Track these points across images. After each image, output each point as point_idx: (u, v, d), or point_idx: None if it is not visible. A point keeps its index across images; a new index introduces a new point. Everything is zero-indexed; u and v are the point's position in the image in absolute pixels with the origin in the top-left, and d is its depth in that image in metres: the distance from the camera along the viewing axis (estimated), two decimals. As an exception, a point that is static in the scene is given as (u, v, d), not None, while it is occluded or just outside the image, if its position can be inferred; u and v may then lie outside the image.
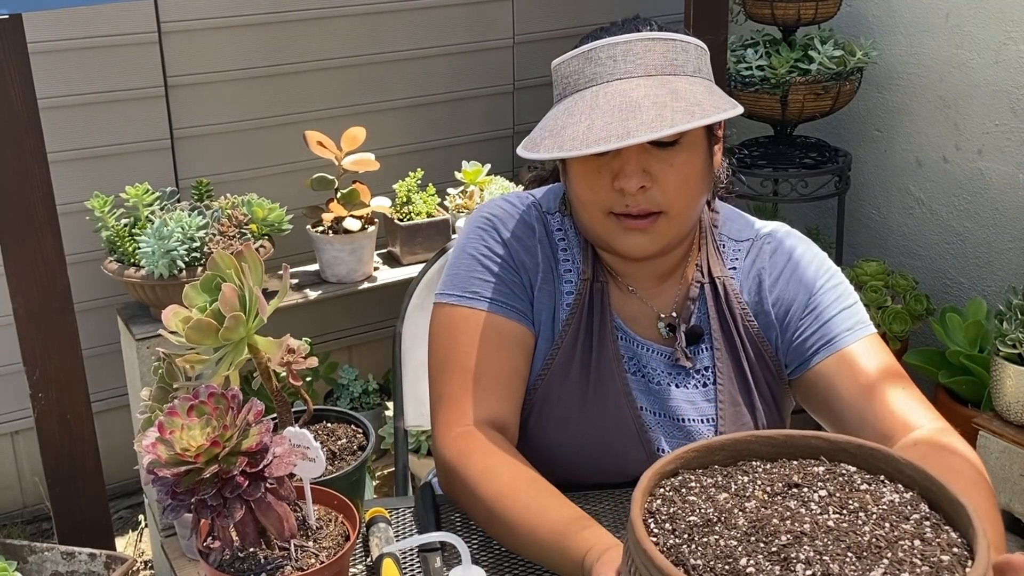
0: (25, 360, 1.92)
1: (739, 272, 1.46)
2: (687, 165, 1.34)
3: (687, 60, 1.33)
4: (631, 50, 1.31)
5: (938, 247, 3.14)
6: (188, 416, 1.02)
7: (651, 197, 1.32)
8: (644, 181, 1.31)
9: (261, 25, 2.91)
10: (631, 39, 1.32)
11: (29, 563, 1.80)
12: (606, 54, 1.32)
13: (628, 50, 1.31)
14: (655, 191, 1.32)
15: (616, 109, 1.26)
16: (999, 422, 2.38)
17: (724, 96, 1.33)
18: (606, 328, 1.41)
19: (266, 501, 1.03)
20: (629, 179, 1.31)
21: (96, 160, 2.78)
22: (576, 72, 1.34)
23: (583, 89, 1.32)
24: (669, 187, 1.32)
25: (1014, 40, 2.83)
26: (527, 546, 1.22)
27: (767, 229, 1.49)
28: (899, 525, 0.90)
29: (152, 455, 1.00)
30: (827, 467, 0.98)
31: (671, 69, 1.31)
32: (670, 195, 1.33)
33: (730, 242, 1.48)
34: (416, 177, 2.83)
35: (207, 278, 1.16)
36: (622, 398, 1.40)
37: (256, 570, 1.07)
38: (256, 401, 1.04)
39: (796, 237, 1.49)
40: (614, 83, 1.30)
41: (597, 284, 1.43)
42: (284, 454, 1.05)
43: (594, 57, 1.32)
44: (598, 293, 1.43)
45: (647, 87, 1.28)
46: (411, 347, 1.89)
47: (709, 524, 0.90)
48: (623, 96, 1.28)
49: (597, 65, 1.32)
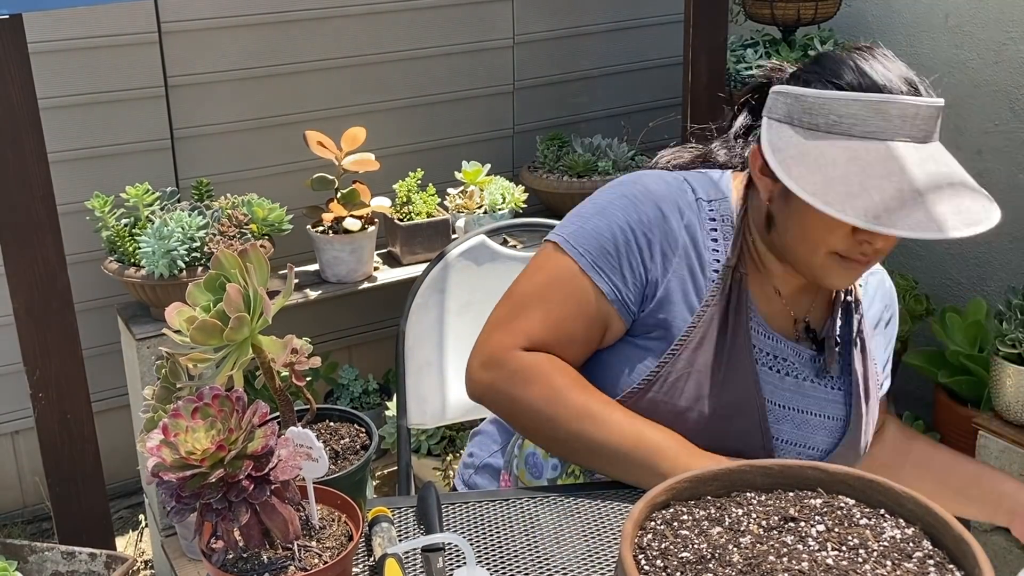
0: (25, 360, 1.92)
1: (865, 298, 1.57)
2: None
3: (938, 126, 1.37)
4: (931, 115, 1.34)
5: (938, 247, 3.14)
6: (193, 418, 1.02)
7: (880, 253, 1.39)
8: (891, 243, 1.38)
9: (261, 25, 2.91)
10: (919, 103, 1.33)
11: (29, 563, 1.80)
12: (897, 112, 1.32)
13: (930, 115, 1.34)
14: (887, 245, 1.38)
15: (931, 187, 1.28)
16: (999, 422, 2.38)
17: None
18: (742, 315, 1.45)
19: (271, 504, 1.03)
20: (888, 243, 1.36)
21: (96, 160, 2.78)
22: (854, 116, 1.32)
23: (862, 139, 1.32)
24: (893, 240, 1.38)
25: (1014, 40, 2.83)
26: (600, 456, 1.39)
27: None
28: (901, 563, 0.86)
29: (156, 458, 1.00)
30: (825, 499, 0.95)
31: (936, 136, 1.36)
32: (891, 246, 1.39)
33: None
34: (416, 177, 2.83)
35: (211, 277, 1.15)
36: (751, 384, 1.44)
37: (260, 570, 1.07)
38: (261, 403, 1.03)
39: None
40: (898, 144, 1.31)
41: (737, 274, 1.46)
42: (289, 456, 1.05)
43: (883, 110, 1.32)
44: (737, 283, 1.46)
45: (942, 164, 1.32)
46: (414, 346, 1.89)
47: (703, 561, 0.87)
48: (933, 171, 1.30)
49: (884, 119, 1.32)
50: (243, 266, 1.14)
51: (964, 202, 1.28)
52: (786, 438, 1.47)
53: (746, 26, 3.24)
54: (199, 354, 1.14)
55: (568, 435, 1.40)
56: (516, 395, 1.43)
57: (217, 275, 1.15)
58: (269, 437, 1.02)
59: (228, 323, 1.10)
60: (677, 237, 1.45)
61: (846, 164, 1.30)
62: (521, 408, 1.44)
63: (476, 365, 1.47)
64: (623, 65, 3.44)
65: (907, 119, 1.32)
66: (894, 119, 1.31)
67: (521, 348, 1.44)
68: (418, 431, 2.76)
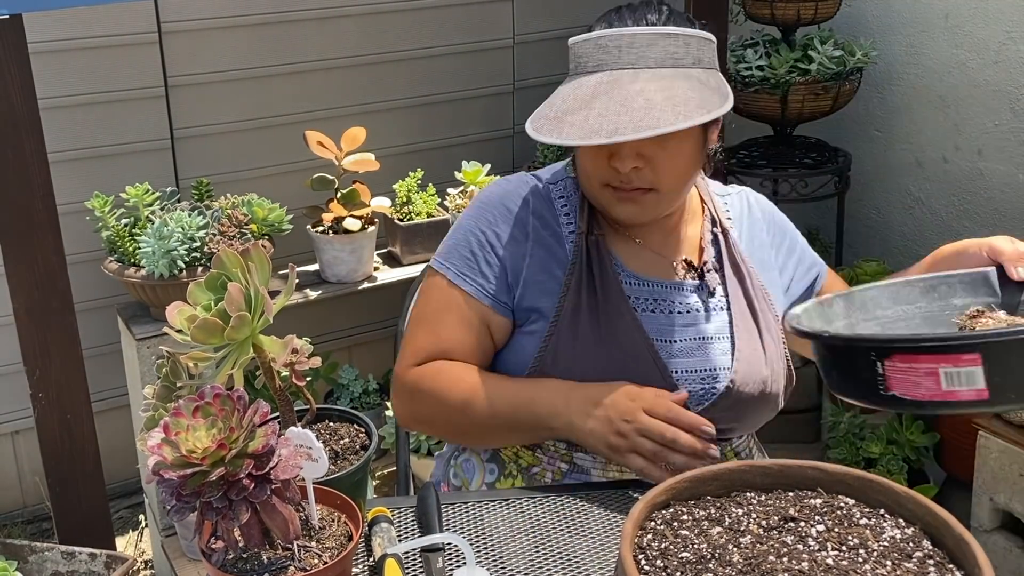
0: (25, 360, 1.92)
1: (734, 222, 1.66)
2: (679, 149, 1.49)
3: (687, 53, 1.47)
4: (635, 42, 1.45)
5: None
6: (194, 417, 1.02)
7: (643, 176, 1.49)
8: (637, 163, 1.47)
9: (261, 25, 2.91)
10: (637, 32, 1.45)
11: (29, 563, 1.80)
12: (614, 43, 1.46)
13: (633, 42, 1.45)
14: (647, 171, 1.48)
15: (613, 103, 1.40)
16: (999, 422, 2.38)
17: (718, 90, 1.47)
18: (607, 273, 1.54)
19: (271, 503, 1.03)
20: (623, 161, 1.47)
21: (96, 160, 2.78)
22: (585, 55, 1.48)
23: (589, 73, 1.47)
24: (660, 168, 1.48)
25: (1014, 40, 2.83)
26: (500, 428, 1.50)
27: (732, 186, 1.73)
28: (901, 563, 0.86)
29: (157, 456, 1.00)
30: (824, 499, 0.95)
31: (671, 63, 1.46)
32: (660, 175, 1.49)
33: (718, 198, 1.68)
34: (416, 177, 2.83)
35: (212, 276, 1.15)
36: (634, 331, 1.52)
37: (259, 570, 1.07)
38: (262, 403, 1.03)
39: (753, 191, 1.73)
40: (616, 72, 1.45)
41: (592, 237, 1.57)
42: (289, 456, 1.05)
43: (603, 44, 1.46)
44: (594, 245, 1.56)
45: (644, 82, 1.43)
46: (412, 347, 1.88)
47: (703, 561, 0.87)
48: (621, 90, 1.42)
49: (604, 53, 1.46)
50: (244, 265, 1.14)
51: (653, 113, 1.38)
52: (686, 368, 1.53)
53: (746, 26, 3.24)
54: (200, 353, 1.14)
55: (468, 422, 1.52)
56: (416, 408, 1.57)
57: (218, 274, 1.15)
58: (270, 436, 1.02)
59: (229, 322, 1.10)
60: (526, 224, 1.58)
61: (569, 94, 1.46)
62: (425, 417, 1.58)
63: (391, 400, 1.62)
64: (623, 65, 3.44)
65: (623, 48, 1.45)
66: (612, 51, 1.45)
67: (413, 366, 1.56)
68: (418, 432, 2.76)
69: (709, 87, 1.46)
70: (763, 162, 3.14)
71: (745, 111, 3.10)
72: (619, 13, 1.50)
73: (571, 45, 1.51)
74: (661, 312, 1.56)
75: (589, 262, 1.55)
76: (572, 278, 1.54)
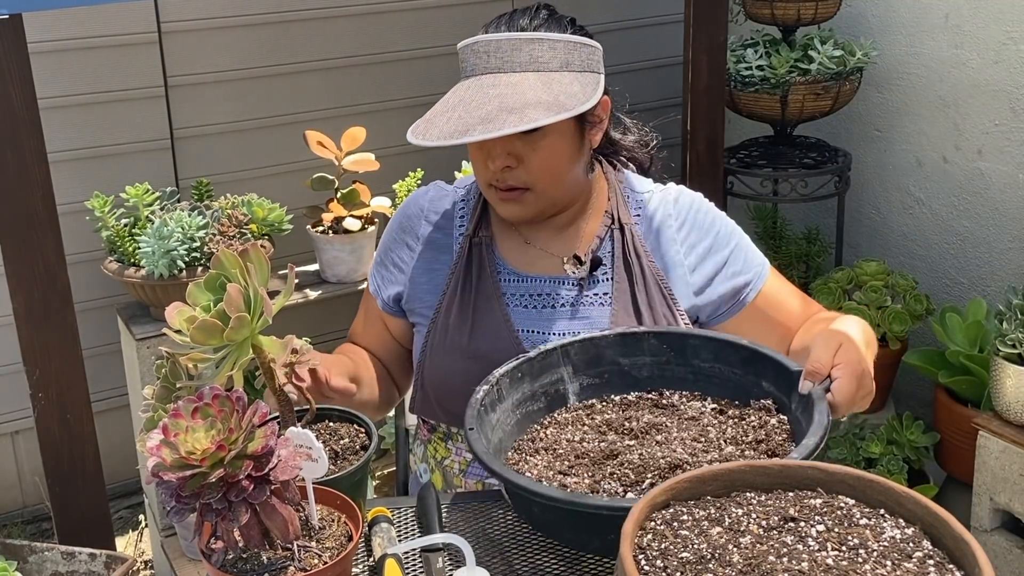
0: (25, 360, 1.92)
1: (643, 219, 1.67)
2: (550, 149, 1.55)
3: (553, 57, 1.54)
4: (501, 47, 1.53)
5: (938, 247, 3.14)
6: (192, 418, 1.02)
7: (516, 176, 1.56)
8: (508, 162, 1.55)
9: (261, 25, 2.91)
10: (503, 38, 1.53)
11: (29, 563, 1.80)
12: (483, 48, 1.54)
13: (499, 47, 1.53)
14: (520, 171, 1.55)
15: (471, 105, 1.48)
16: (999, 422, 2.38)
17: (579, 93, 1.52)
18: (485, 272, 1.64)
19: (271, 504, 1.03)
20: (493, 161, 1.55)
21: (96, 160, 2.78)
22: (464, 60, 1.58)
23: (466, 77, 1.56)
24: (533, 168, 1.55)
25: (1014, 40, 2.83)
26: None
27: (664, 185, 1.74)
28: (901, 563, 0.86)
29: (156, 458, 1.00)
30: (824, 499, 0.95)
31: (535, 67, 1.53)
32: (534, 174, 1.56)
33: (632, 194, 1.70)
34: (416, 177, 2.83)
35: (211, 277, 1.15)
36: (501, 326, 1.60)
37: (259, 570, 1.07)
38: (261, 403, 1.03)
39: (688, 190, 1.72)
40: (483, 76, 1.53)
41: (477, 239, 1.66)
42: (289, 456, 1.05)
43: (476, 50, 1.55)
44: (477, 247, 1.66)
45: (503, 86, 1.50)
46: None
47: (703, 561, 0.87)
48: (480, 93, 1.50)
49: (476, 57, 1.55)
50: (243, 266, 1.14)
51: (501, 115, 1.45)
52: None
53: (746, 26, 3.24)
54: (199, 354, 1.14)
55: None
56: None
57: (217, 275, 1.15)
58: (269, 437, 1.02)
59: (228, 323, 1.10)
60: (417, 231, 1.71)
61: (447, 100, 1.54)
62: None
63: None
64: (623, 65, 3.44)
65: (491, 54, 1.53)
66: (482, 55, 1.54)
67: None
68: (418, 431, 2.76)
69: (568, 91, 1.51)
70: (763, 162, 3.14)
71: (745, 111, 3.10)
72: (500, 19, 1.59)
73: (458, 50, 1.59)
74: (537, 307, 1.62)
75: (469, 262, 1.65)
76: (452, 278, 1.65)
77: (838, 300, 3.00)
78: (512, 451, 1.32)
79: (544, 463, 1.27)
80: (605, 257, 1.64)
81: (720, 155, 2.74)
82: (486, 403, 1.31)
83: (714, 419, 1.34)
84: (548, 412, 1.40)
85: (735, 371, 1.40)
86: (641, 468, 1.21)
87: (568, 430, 1.35)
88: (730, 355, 1.40)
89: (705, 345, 1.42)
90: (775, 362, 1.36)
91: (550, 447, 1.31)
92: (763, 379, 1.37)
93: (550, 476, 1.23)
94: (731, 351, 1.40)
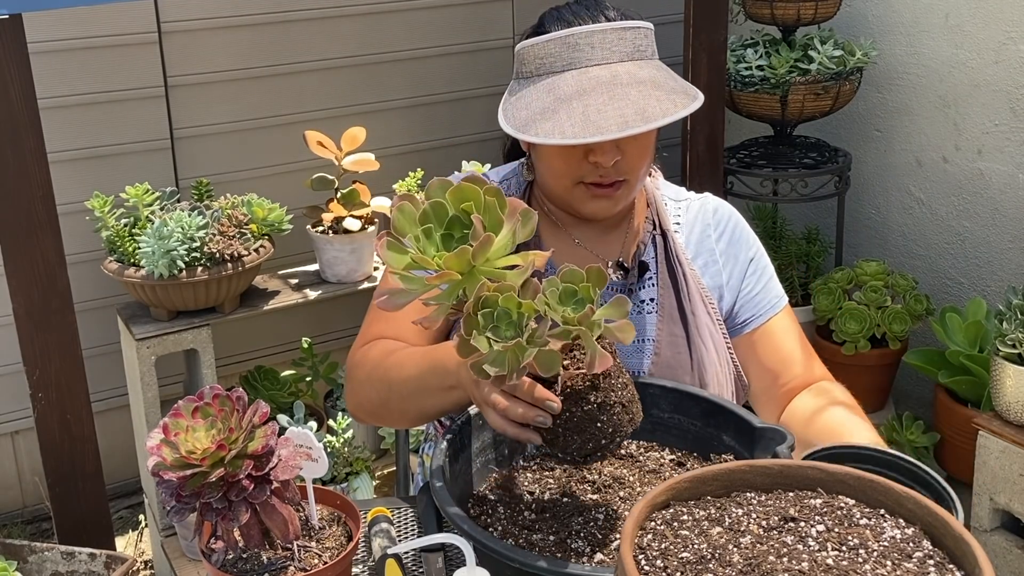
0: (25, 360, 1.92)
1: (683, 227, 1.65)
2: (647, 138, 1.52)
3: (648, 45, 1.51)
4: (606, 38, 1.46)
5: (938, 247, 3.14)
6: (193, 417, 1.02)
7: (620, 168, 1.50)
8: (617, 155, 1.48)
9: (261, 25, 2.91)
10: (607, 28, 1.47)
11: (29, 563, 1.80)
12: (584, 40, 1.46)
13: (605, 38, 1.46)
14: (623, 163, 1.49)
15: (607, 97, 1.40)
16: (999, 422, 2.38)
17: (680, 78, 1.50)
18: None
19: (271, 503, 1.03)
20: (606, 155, 1.47)
21: (96, 160, 2.78)
22: (552, 55, 1.47)
23: (558, 73, 1.46)
24: (634, 158, 1.50)
25: (1014, 40, 2.83)
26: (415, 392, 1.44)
27: (700, 193, 1.70)
28: (901, 563, 0.86)
29: (156, 457, 1.00)
30: (825, 499, 0.94)
31: (639, 55, 1.48)
32: (633, 165, 1.51)
33: (671, 202, 1.68)
34: (416, 177, 2.83)
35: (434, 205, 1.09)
36: None
37: (259, 570, 1.07)
38: (261, 403, 1.03)
39: (725, 202, 1.70)
40: (592, 68, 1.45)
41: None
42: (289, 456, 1.05)
43: (572, 43, 1.46)
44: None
45: (628, 74, 1.44)
46: (412, 347, 1.88)
47: (703, 561, 0.86)
48: (608, 83, 1.42)
49: (575, 51, 1.46)
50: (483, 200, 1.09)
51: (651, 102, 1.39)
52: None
53: (746, 26, 3.24)
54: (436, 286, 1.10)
55: (389, 392, 1.49)
56: (352, 388, 1.58)
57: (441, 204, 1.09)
58: (269, 437, 1.02)
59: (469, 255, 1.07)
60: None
61: (545, 96, 1.45)
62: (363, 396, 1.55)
63: (348, 364, 1.64)
64: (623, 65, 3.44)
65: (595, 46, 1.46)
66: (583, 48, 1.46)
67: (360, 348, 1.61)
68: (417, 431, 2.76)
69: (676, 74, 1.50)
70: (763, 162, 3.14)
71: (745, 111, 3.10)
72: (571, 11, 1.52)
73: (529, 47, 1.50)
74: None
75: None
76: None
77: (838, 300, 3.00)
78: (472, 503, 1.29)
79: (507, 517, 1.25)
80: (649, 263, 1.61)
81: (720, 155, 2.74)
82: (449, 454, 1.28)
83: (674, 472, 1.32)
84: (509, 460, 1.37)
85: (694, 423, 1.38)
86: (607, 528, 1.20)
87: (528, 479, 1.33)
88: (690, 407, 1.38)
89: (664, 395, 1.40)
90: (737, 416, 1.33)
91: (513, 500, 1.29)
92: (724, 433, 1.35)
93: (515, 532, 1.21)
94: (691, 403, 1.38)
